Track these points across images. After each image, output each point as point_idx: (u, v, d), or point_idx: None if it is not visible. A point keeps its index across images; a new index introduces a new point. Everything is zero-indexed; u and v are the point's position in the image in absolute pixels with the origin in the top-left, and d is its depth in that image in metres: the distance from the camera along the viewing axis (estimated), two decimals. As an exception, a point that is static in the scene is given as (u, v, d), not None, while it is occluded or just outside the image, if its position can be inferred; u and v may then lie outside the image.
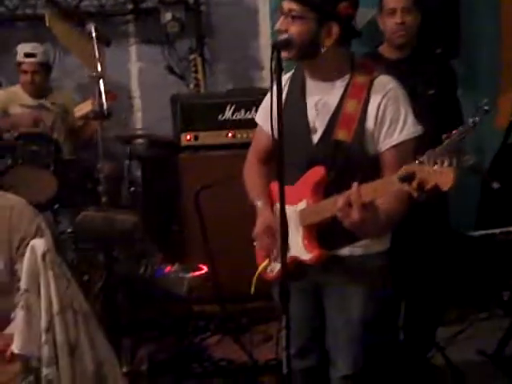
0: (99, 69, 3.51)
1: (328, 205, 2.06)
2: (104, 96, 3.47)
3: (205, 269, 3.65)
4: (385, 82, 2.13)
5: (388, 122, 2.10)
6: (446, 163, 1.73)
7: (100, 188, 3.45)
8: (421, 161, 1.79)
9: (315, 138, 2.17)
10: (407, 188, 1.81)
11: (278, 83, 1.95)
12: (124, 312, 3.31)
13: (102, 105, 3.47)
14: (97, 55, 3.54)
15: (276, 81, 1.94)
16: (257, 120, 2.41)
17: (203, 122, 4.12)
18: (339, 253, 2.19)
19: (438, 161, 1.74)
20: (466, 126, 2.51)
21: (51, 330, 2.21)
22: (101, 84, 3.48)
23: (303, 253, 2.15)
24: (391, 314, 2.97)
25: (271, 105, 1.95)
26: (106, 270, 3.28)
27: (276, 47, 1.97)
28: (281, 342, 2.04)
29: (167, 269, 3.62)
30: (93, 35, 3.61)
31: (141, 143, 4.28)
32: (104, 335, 2.37)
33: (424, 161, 1.78)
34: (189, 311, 3.71)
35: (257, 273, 2.32)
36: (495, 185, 2.94)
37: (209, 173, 3.77)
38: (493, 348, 3.23)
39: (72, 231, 3.53)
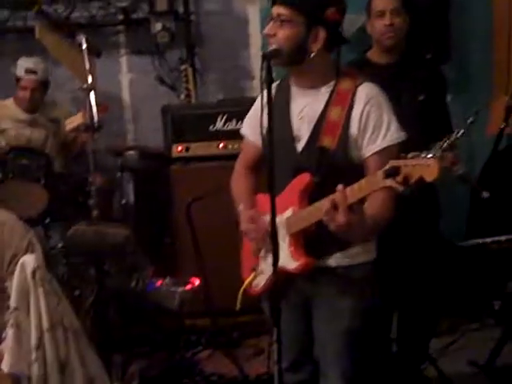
0: (90, 80, 3.51)
1: (314, 210, 2.07)
2: (95, 108, 3.47)
3: (196, 282, 3.64)
4: (368, 89, 2.16)
5: (371, 129, 2.12)
6: (430, 155, 1.75)
7: (91, 201, 3.45)
8: (405, 156, 1.80)
9: (299, 146, 2.19)
10: (392, 183, 1.82)
11: (269, 93, 1.97)
12: (115, 327, 3.30)
13: (93, 117, 3.47)
14: (87, 67, 3.54)
15: (266, 91, 1.96)
16: (242, 132, 2.44)
17: (194, 133, 4.11)
18: (326, 264, 2.19)
19: (422, 154, 1.77)
20: (453, 137, 2.52)
21: (41, 348, 2.21)
22: (92, 96, 3.48)
23: (290, 261, 2.15)
24: (382, 325, 2.96)
25: (261, 115, 1.99)
26: (98, 285, 3.27)
27: (266, 58, 2.00)
28: (272, 356, 2.04)
29: (159, 282, 3.61)
30: (83, 46, 3.61)
31: (132, 155, 4.26)
32: (94, 352, 2.37)
33: (408, 156, 1.80)
34: (180, 325, 3.70)
35: (242, 288, 2.33)
36: (485, 194, 2.95)
37: (200, 184, 3.75)
38: (484, 359, 3.22)
39: (63, 246, 3.51)
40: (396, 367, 3.12)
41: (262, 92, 1.97)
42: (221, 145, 4.09)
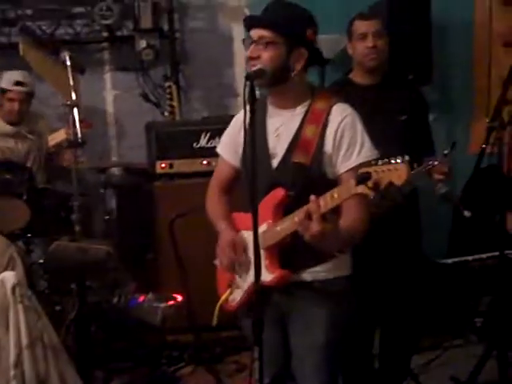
0: (74, 97, 3.51)
1: (288, 222, 2.11)
2: (78, 124, 3.48)
3: (179, 298, 3.63)
4: (342, 109, 2.22)
5: (346, 146, 2.16)
6: (399, 160, 1.77)
7: (73, 217, 3.44)
8: (375, 163, 1.82)
9: (275, 163, 2.23)
10: (364, 190, 1.84)
11: (252, 114, 2.01)
12: (97, 343, 3.28)
13: (77, 133, 3.47)
14: (71, 83, 3.54)
15: (249, 111, 2.00)
16: (218, 150, 2.46)
17: (178, 150, 4.12)
18: (302, 278, 2.21)
19: (392, 160, 1.79)
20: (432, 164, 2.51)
21: (20, 365, 2.18)
22: (75, 112, 3.48)
23: (265, 274, 2.15)
24: (360, 340, 2.97)
25: (245, 132, 2.04)
26: (79, 300, 3.25)
27: (249, 78, 2.03)
28: (254, 373, 2.03)
29: (141, 298, 3.60)
30: (67, 63, 3.62)
31: (116, 171, 4.25)
32: (74, 368, 2.34)
33: (379, 162, 1.82)
34: (162, 341, 3.69)
35: (218, 304, 2.34)
36: (467, 213, 2.96)
37: (184, 201, 3.75)
38: (466, 375, 3.22)
39: (45, 260, 3.49)
40: (378, 383, 3.12)
41: (245, 111, 2.00)
42: (204, 162, 4.09)
